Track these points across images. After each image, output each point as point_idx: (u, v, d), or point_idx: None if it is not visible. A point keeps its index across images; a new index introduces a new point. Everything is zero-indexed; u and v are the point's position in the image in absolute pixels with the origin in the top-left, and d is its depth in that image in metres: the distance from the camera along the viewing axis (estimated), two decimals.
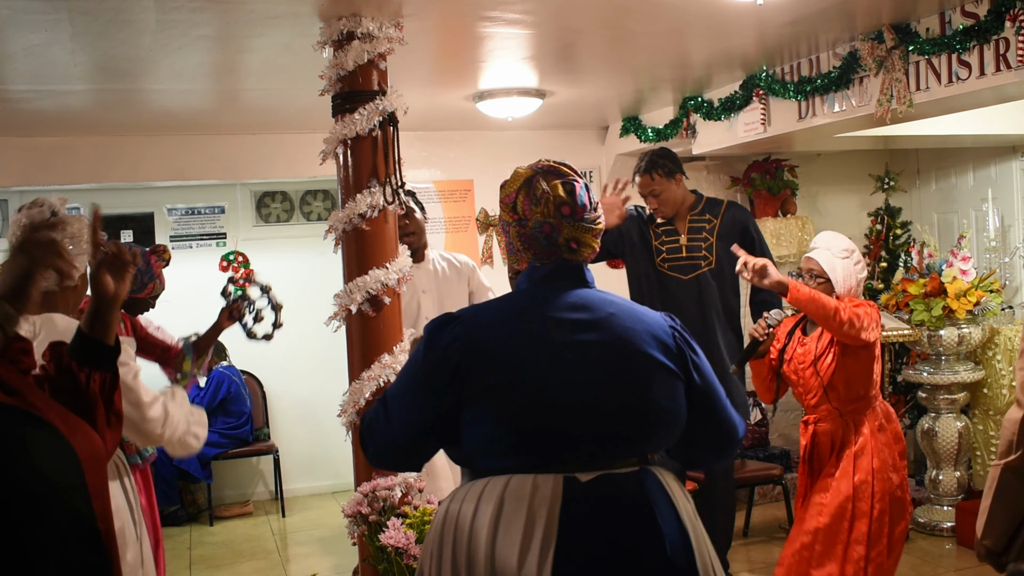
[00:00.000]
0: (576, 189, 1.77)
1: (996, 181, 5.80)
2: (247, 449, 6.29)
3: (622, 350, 1.70)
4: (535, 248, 1.78)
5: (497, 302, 1.80)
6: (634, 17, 3.51)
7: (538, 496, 1.59)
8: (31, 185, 5.45)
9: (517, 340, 1.67)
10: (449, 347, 1.67)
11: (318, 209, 6.80)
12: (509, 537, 1.57)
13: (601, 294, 1.79)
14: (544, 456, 1.64)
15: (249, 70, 3.99)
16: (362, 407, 3.15)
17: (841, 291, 3.27)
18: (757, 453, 5.68)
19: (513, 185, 1.81)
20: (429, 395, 1.68)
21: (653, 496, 1.67)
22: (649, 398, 1.69)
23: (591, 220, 1.79)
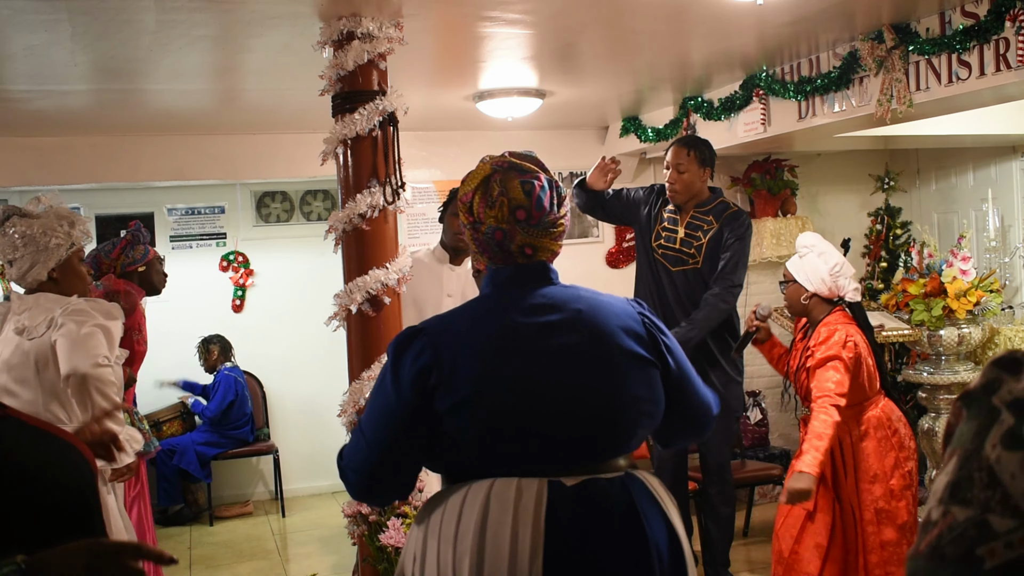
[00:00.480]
0: (535, 190, 1.68)
1: (996, 181, 5.80)
2: (247, 449, 6.29)
3: (595, 347, 1.65)
4: (489, 252, 1.73)
5: (462, 310, 1.73)
6: (634, 17, 3.51)
7: (523, 501, 1.56)
8: (31, 185, 5.45)
9: (486, 349, 1.62)
10: (417, 360, 1.61)
11: (318, 209, 6.80)
12: (497, 541, 1.54)
13: (567, 290, 1.73)
14: (525, 462, 1.60)
15: (249, 70, 3.99)
16: (362, 407, 3.15)
17: (814, 287, 3.26)
18: (757, 453, 5.68)
19: (472, 182, 1.73)
20: (400, 414, 1.62)
21: (640, 501, 1.63)
22: (628, 393, 1.66)
23: (550, 223, 1.70)
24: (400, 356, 1.64)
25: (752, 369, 6.23)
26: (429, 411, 1.60)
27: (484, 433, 1.59)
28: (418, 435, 1.62)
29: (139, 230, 3.84)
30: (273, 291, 6.64)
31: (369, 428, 1.67)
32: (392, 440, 1.64)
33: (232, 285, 6.64)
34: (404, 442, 1.64)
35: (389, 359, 1.67)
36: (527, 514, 1.55)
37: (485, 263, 1.76)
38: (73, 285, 2.82)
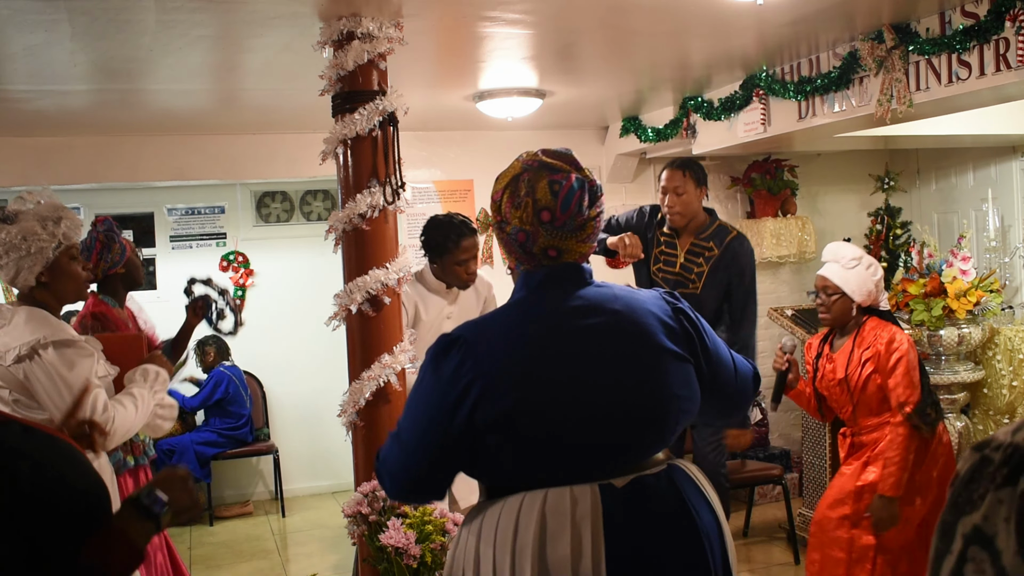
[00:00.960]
0: (563, 191, 1.64)
1: (996, 181, 5.80)
2: (247, 449, 6.29)
3: (635, 348, 1.64)
4: (515, 253, 1.71)
5: (498, 317, 1.70)
6: (634, 17, 3.51)
7: (579, 509, 1.55)
8: (31, 185, 5.44)
9: (527, 356, 1.60)
10: (457, 371, 1.59)
11: (318, 209, 6.80)
12: (558, 553, 1.53)
13: (602, 289, 1.71)
14: (575, 468, 1.59)
15: (249, 70, 3.99)
16: (362, 407, 3.15)
17: (860, 299, 3.28)
18: (757, 453, 5.68)
19: (502, 181, 1.70)
20: (442, 423, 1.60)
21: (686, 491, 1.66)
22: (668, 392, 1.65)
23: (576, 225, 1.66)
24: (439, 365, 1.62)
25: None
26: (470, 421, 1.58)
27: (528, 442, 1.58)
28: (459, 443, 1.60)
29: (111, 229, 3.76)
30: (273, 291, 6.64)
31: (408, 434, 1.66)
32: (431, 447, 1.63)
33: (232, 285, 6.64)
34: (443, 450, 1.62)
35: (428, 366, 1.65)
36: (585, 522, 1.55)
37: (515, 262, 1.74)
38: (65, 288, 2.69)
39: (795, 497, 5.44)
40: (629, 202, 6.26)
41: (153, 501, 1.47)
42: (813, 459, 4.91)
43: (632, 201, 6.25)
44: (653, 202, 4.25)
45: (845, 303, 3.30)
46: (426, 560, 2.78)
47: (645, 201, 6.18)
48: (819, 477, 4.85)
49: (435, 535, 2.83)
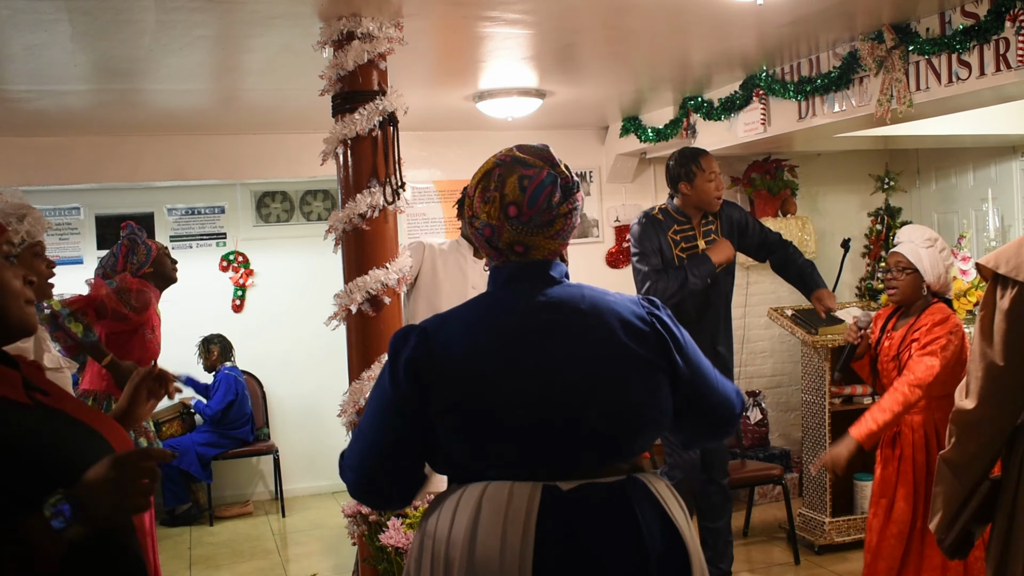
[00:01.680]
0: (532, 185, 1.61)
1: (996, 181, 5.80)
2: (247, 449, 6.29)
3: (595, 350, 1.60)
4: (483, 248, 1.70)
5: (462, 310, 1.68)
6: (634, 17, 3.51)
7: (513, 505, 1.52)
8: (31, 185, 5.45)
9: (482, 351, 1.59)
10: (412, 360, 1.59)
11: (318, 209, 6.80)
12: (486, 544, 1.51)
13: (569, 289, 1.67)
14: (521, 466, 1.57)
15: (249, 70, 3.99)
16: (362, 407, 3.15)
17: (931, 279, 3.34)
18: (757, 453, 5.68)
19: (476, 177, 1.68)
20: (397, 412, 1.60)
21: (640, 506, 1.58)
22: (629, 398, 1.60)
23: (544, 221, 1.62)
24: (396, 353, 1.62)
25: (752, 369, 6.24)
26: (422, 410, 1.58)
27: (477, 435, 1.56)
28: (414, 433, 1.60)
29: (133, 232, 3.82)
30: (273, 291, 6.64)
31: (367, 425, 1.65)
32: (389, 437, 1.62)
33: (232, 285, 6.64)
34: (401, 440, 1.61)
35: (389, 356, 1.65)
36: (517, 518, 1.51)
37: (490, 260, 1.73)
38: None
39: (795, 497, 5.44)
40: (629, 202, 6.26)
41: (55, 513, 1.27)
42: (813, 459, 4.90)
43: (632, 201, 6.26)
44: (652, 204, 4.25)
45: (916, 281, 3.36)
46: None
47: (645, 201, 6.20)
48: (819, 477, 4.85)
49: None
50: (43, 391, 1.49)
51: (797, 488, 5.57)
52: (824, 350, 4.76)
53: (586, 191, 6.22)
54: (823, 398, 4.80)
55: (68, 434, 1.43)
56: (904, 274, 3.38)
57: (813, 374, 4.89)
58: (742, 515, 5.23)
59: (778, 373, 6.29)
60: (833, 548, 4.80)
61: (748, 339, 6.18)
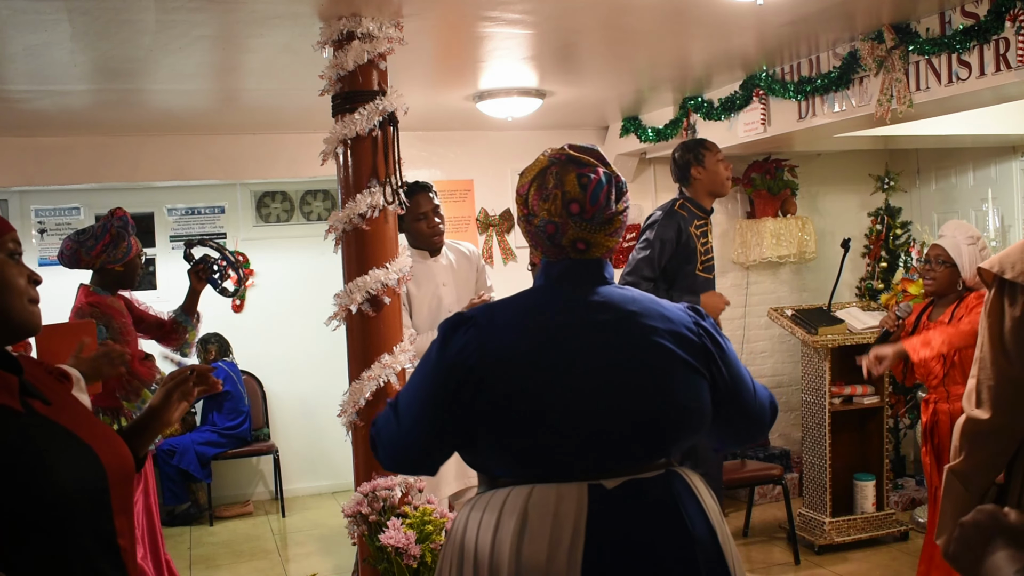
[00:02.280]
0: (591, 184, 1.64)
1: (996, 181, 5.80)
2: (247, 449, 6.29)
3: (644, 352, 1.62)
4: (542, 246, 1.70)
5: (512, 303, 1.70)
6: (634, 17, 3.51)
7: (563, 507, 1.54)
8: (31, 185, 5.45)
9: (534, 346, 1.60)
10: (463, 351, 1.59)
11: (318, 209, 6.80)
12: (534, 549, 1.52)
13: (622, 291, 1.70)
14: (566, 464, 1.58)
15: (249, 70, 3.99)
16: (362, 407, 3.15)
17: (967, 275, 3.44)
18: (757, 453, 5.68)
19: (528, 175, 1.70)
20: (441, 398, 1.60)
21: (681, 499, 1.62)
22: (671, 400, 1.62)
23: (605, 218, 1.66)
24: (448, 341, 1.63)
25: (752, 369, 6.22)
26: (469, 401, 1.58)
27: (522, 431, 1.57)
28: (453, 421, 1.60)
29: (125, 226, 3.73)
30: (273, 291, 6.64)
31: (405, 405, 1.66)
32: (426, 421, 1.63)
33: (232, 285, 6.63)
34: (437, 425, 1.62)
35: (437, 341, 1.65)
36: (567, 521, 1.53)
37: (539, 256, 1.74)
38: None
39: (795, 497, 5.44)
40: (629, 202, 6.25)
41: None
42: (813, 459, 4.91)
43: (632, 201, 6.23)
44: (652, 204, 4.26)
45: (952, 275, 3.48)
46: (426, 560, 2.78)
47: (645, 201, 6.20)
48: (819, 477, 4.85)
49: (435, 535, 2.83)
50: (44, 399, 1.45)
51: (797, 488, 5.57)
52: (824, 350, 4.76)
53: None
54: (823, 398, 4.80)
55: (50, 446, 1.39)
56: (943, 267, 3.50)
57: (813, 374, 4.89)
58: (742, 515, 5.23)
59: (778, 373, 6.29)
60: (833, 548, 4.80)
61: (748, 339, 6.18)
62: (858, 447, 4.97)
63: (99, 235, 3.64)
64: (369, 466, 3.16)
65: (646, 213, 6.16)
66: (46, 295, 1.65)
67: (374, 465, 3.14)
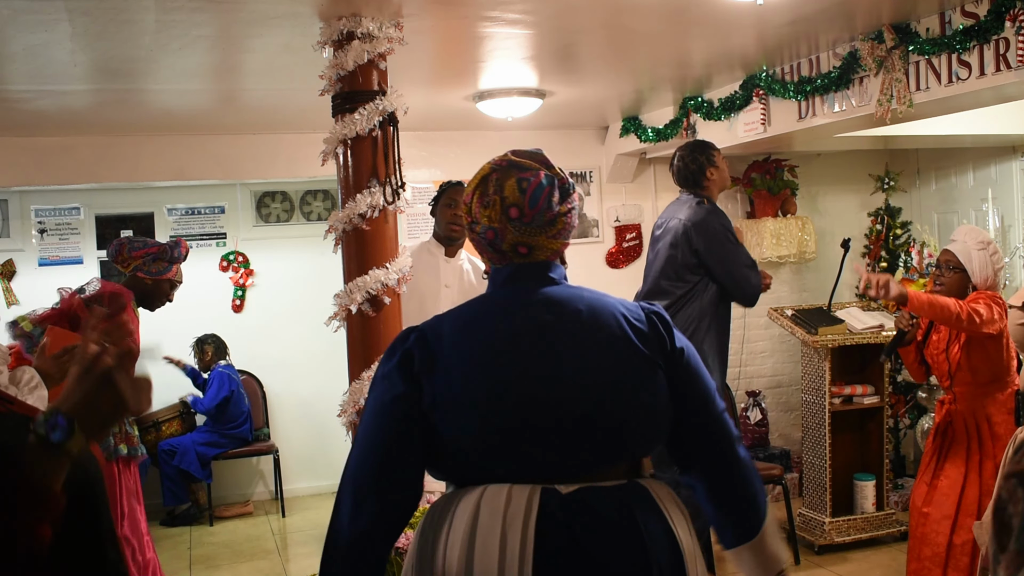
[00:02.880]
0: (531, 187, 1.63)
1: (996, 181, 5.80)
2: (247, 449, 6.29)
3: (594, 347, 1.61)
4: (486, 253, 1.70)
5: (459, 310, 1.69)
6: (634, 17, 3.51)
7: (512, 508, 1.51)
8: (31, 185, 5.45)
9: (478, 349, 1.59)
10: (405, 361, 1.60)
11: (318, 209, 6.80)
12: (485, 551, 1.50)
13: (568, 290, 1.68)
14: (519, 468, 1.56)
15: (249, 70, 3.99)
16: (362, 407, 3.14)
17: (977, 280, 3.43)
18: (757, 453, 5.69)
19: (472, 184, 1.69)
20: (394, 414, 1.59)
21: (639, 511, 1.57)
22: (627, 396, 1.60)
23: (546, 221, 1.64)
24: (392, 352, 1.64)
25: (751, 369, 6.23)
26: (420, 409, 1.57)
27: (474, 436, 1.56)
28: (412, 434, 1.58)
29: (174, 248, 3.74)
30: (273, 291, 6.64)
31: (363, 431, 1.63)
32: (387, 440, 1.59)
33: (232, 285, 6.64)
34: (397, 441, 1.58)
35: (383, 359, 1.66)
36: (516, 521, 1.50)
37: (488, 265, 1.74)
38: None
39: (795, 497, 5.44)
40: (629, 202, 6.26)
41: (51, 427, 1.17)
42: (813, 459, 4.91)
43: (632, 201, 6.25)
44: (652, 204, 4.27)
45: (962, 280, 3.46)
46: None
47: (645, 201, 6.21)
48: (819, 477, 4.85)
49: None
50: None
51: (797, 488, 5.57)
52: (824, 350, 4.76)
53: (586, 191, 6.22)
54: (823, 398, 4.80)
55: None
56: (953, 273, 3.49)
57: (813, 374, 4.89)
58: None
59: (778, 373, 6.29)
60: (833, 548, 4.80)
61: (748, 339, 6.18)
62: (858, 447, 4.97)
63: (149, 244, 3.71)
64: None
65: (646, 213, 6.23)
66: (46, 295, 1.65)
67: None
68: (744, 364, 6.14)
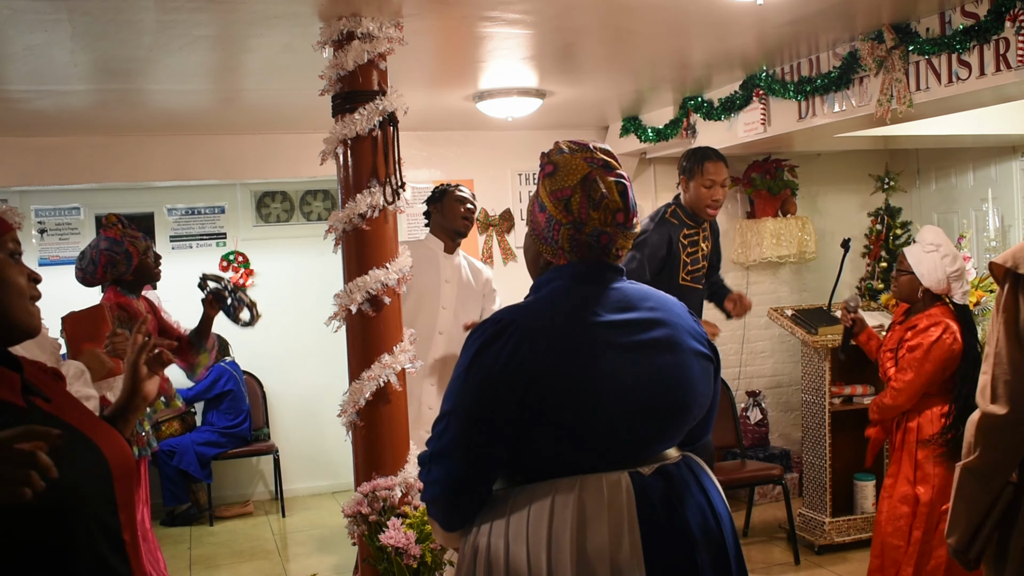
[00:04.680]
0: (628, 191, 1.70)
1: (996, 181, 5.80)
2: (247, 449, 6.29)
3: (669, 343, 1.68)
4: (582, 252, 1.70)
5: (544, 305, 1.68)
6: (634, 17, 3.51)
7: (615, 495, 1.59)
8: (31, 185, 5.46)
9: (575, 348, 1.61)
10: (513, 357, 1.58)
11: (318, 209, 6.80)
12: (596, 540, 1.55)
13: (637, 287, 1.75)
14: (609, 456, 1.63)
15: (249, 70, 3.99)
16: (362, 407, 3.15)
17: (928, 283, 3.44)
18: (757, 453, 5.68)
19: (569, 180, 1.67)
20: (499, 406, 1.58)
21: (703, 480, 1.71)
22: (694, 387, 1.70)
23: (635, 225, 1.74)
24: (491, 349, 1.60)
25: (751, 369, 6.23)
26: (523, 407, 1.58)
27: (570, 429, 1.59)
28: (509, 432, 1.59)
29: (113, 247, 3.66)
30: (273, 291, 6.64)
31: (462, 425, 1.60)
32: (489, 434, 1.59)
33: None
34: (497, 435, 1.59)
35: (478, 351, 1.61)
36: (622, 507, 1.58)
37: (569, 259, 1.71)
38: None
39: (795, 497, 5.44)
40: None
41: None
42: (813, 459, 4.91)
43: None
44: (652, 204, 4.25)
45: (912, 282, 3.49)
46: (426, 560, 2.78)
47: (645, 201, 6.20)
48: (819, 477, 4.85)
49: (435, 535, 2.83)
50: (44, 396, 1.46)
51: (797, 488, 5.57)
52: (824, 350, 4.76)
53: None
54: (823, 398, 4.80)
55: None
56: (903, 275, 3.50)
57: (813, 374, 4.89)
58: (742, 515, 5.23)
59: (778, 373, 6.29)
60: (833, 548, 4.80)
61: (748, 339, 6.18)
62: (858, 447, 4.96)
63: (96, 260, 3.66)
64: (369, 466, 3.16)
65: (645, 213, 6.20)
66: (46, 295, 1.65)
67: (374, 465, 3.14)
68: (744, 364, 6.14)
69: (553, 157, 1.73)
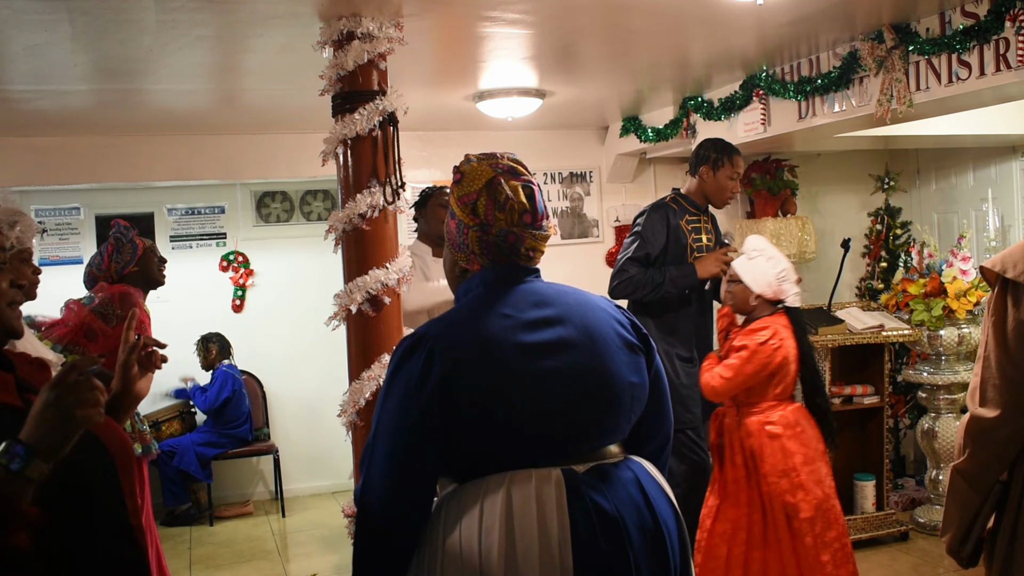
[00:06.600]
0: (535, 194, 1.74)
1: (996, 181, 5.80)
2: (247, 449, 6.29)
3: (591, 337, 1.70)
4: (492, 254, 1.74)
5: (460, 312, 1.72)
6: (634, 17, 3.51)
7: (542, 491, 1.58)
8: (31, 185, 5.45)
9: (492, 348, 1.63)
10: (426, 367, 1.60)
11: (318, 209, 6.80)
12: (525, 536, 1.55)
13: (551, 286, 1.78)
14: (539, 453, 1.63)
15: (249, 70, 3.99)
16: (362, 407, 3.15)
17: (757, 289, 3.37)
18: None
19: (474, 184, 1.74)
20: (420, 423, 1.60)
21: (644, 480, 1.70)
22: (622, 379, 1.71)
23: (545, 227, 1.77)
24: (406, 364, 1.63)
25: None
26: (443, 417, 1.59)
27: (494, 429, 1.61)
28: (435, 442, 1.61)
29: (120, 231, 3.83)
30: (273, 291, 6.64)
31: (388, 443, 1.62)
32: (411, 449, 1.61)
33: (232, 285, 6.64)
34: (422, 450, 1.61)
35: (395, 369, 1.65)
36: (550, 503, 1.58)
37: (482, 263, 1.76)
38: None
39: None
40: (629, 202, 6.26)
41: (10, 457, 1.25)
42: None
43: (632, 202, 6.25)
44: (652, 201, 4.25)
45: (743, 291, 3.41)
46: None
47: (645, 201, 6.19)
48: None
49: None
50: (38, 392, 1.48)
51: None
52: (824, 350, 4.76)
53: (586, 191, 6.23)
54: None
55: None
56: (734, 285, 3.45)
57: None
58: None
59: None
60: None
61: None
62: (858, 447, 4.97)
63: (102, 251, 3.76)
64: None
65: None
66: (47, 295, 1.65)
67: None
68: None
69: (461, 167, 1.79)
